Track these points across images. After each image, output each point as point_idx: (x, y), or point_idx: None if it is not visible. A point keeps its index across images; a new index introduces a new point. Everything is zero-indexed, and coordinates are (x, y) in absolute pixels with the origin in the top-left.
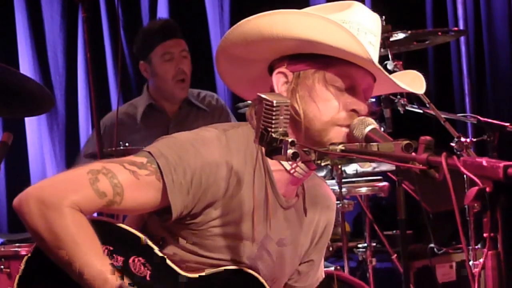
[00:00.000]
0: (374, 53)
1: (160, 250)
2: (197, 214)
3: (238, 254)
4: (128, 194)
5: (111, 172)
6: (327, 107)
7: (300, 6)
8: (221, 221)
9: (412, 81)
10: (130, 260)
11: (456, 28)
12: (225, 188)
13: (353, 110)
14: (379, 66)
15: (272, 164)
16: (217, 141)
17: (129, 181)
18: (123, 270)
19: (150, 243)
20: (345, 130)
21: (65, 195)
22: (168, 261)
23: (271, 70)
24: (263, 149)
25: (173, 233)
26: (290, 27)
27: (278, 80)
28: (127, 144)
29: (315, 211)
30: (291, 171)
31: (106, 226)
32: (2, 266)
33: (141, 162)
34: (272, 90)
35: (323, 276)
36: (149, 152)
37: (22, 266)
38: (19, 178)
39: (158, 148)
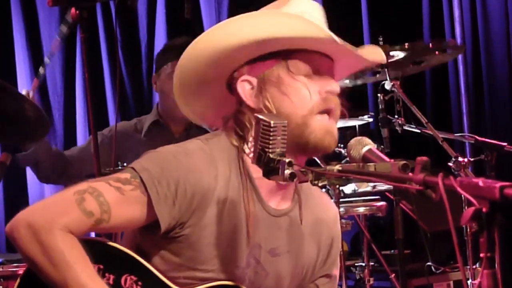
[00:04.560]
0: None
1: (152, 266)
2: (186, 224)
3: (228, 264)
4: (115, 211)
5: (97, 191)
6: (300, 97)
7: None
8: (210, 231)
9: (373, 53)
10: (122, 279)
11: (452, 40)
12: (210, 195)
13: (327, 92)
14: (339, 40)
15: (254, 171)
16: (200, 151)
17: (115, 198)
18: None
19: (142, 260)
20: (323, 117)
21: (54, 218)
22: (161, 277)
23: (230, 88)
24: (245, 156)
25: (164, 249)
26: (241, 32)
27: (244, 88)
28: (125, 164)
29: (315, 222)
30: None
31: (97, 245)
32: (0, 286)
33: (125, 178)
34: (239, 102)
35: None
36: (132, 168)
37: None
38: (18, 198)
39: (141, 163)
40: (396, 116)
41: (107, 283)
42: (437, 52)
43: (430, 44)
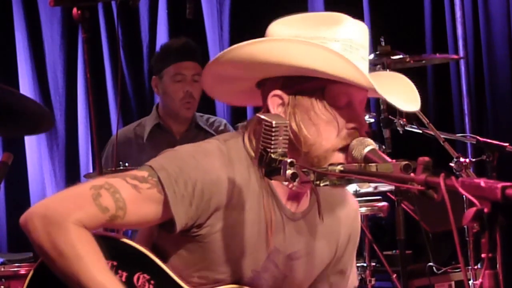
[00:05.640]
0: (366, 66)
1: (166, 265)
2: (203, 224)
3: (244, 268)
4: (130, 208)
5: (113, 187)
6: (328, 130)
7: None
8: (228, 233)
9: (407, 97)
10: (135, 276)
11: (455, 56)
12: (228, 197)
13: (353, 128)
14: (380, 93)
15: None
16: (218, 152)
17: (131, 195)
18: (126, 286)
19: (156, 259)
20: (345, 154)
21: (69, 212)
22: (174, 277)
23: (259, 84)
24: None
25: (181, 246)
26: (288, 54)
27: (274, 103)
28: (126, 164)
29: (332, 220)
30: (289, 185)
31: (112, 241)
32: (2, 286)
33: (142, 176)
34: (267, 111)
35: (356, 284)
36: (150, 166)
37: (26, 283)
38: (19, 198)
39: (158, 162)
40: (397, 117)
41: (120, 280)
42: (437, 54)
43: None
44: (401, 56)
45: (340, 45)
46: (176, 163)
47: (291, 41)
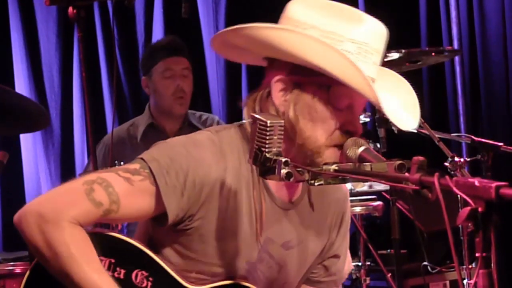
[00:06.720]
0: (375, 72)
1: (163, 261)
2: (194, 216)
3: (239, 259)
4: (124, 201)
5: (106, 181)
6: (324, 128)
7: None
8: (220, 224)
9: (407, 108)
10: (133, 273)
11: (450, 47)
12: (219, 187)
13: (348, 131)
14: (386, 112)
15: None
16: (209, 142)
17: (124, 188)
18: (125, 283)
19: (154, 256)
20: (338, 150)
21: (63, 209)
22: (172, 273)
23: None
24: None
25: (175, 241)
26: (302, 49)
27: (277, 87)
28: (122, 163)
29: (323, 207)
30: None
31: (109, 239)
32: None
33: (134, 169)
34: (269, 91)
35: (351, 267)
36: (142, 158)
37: (23, 282)
38: (14, 196)
39: (150, 153)
40: None
41: (118, 278)
42: (433, 54)
43: (427, 48)
44: (395, 58)
45: (355, 47)
46: (167, 154)
47: (307, 36)
